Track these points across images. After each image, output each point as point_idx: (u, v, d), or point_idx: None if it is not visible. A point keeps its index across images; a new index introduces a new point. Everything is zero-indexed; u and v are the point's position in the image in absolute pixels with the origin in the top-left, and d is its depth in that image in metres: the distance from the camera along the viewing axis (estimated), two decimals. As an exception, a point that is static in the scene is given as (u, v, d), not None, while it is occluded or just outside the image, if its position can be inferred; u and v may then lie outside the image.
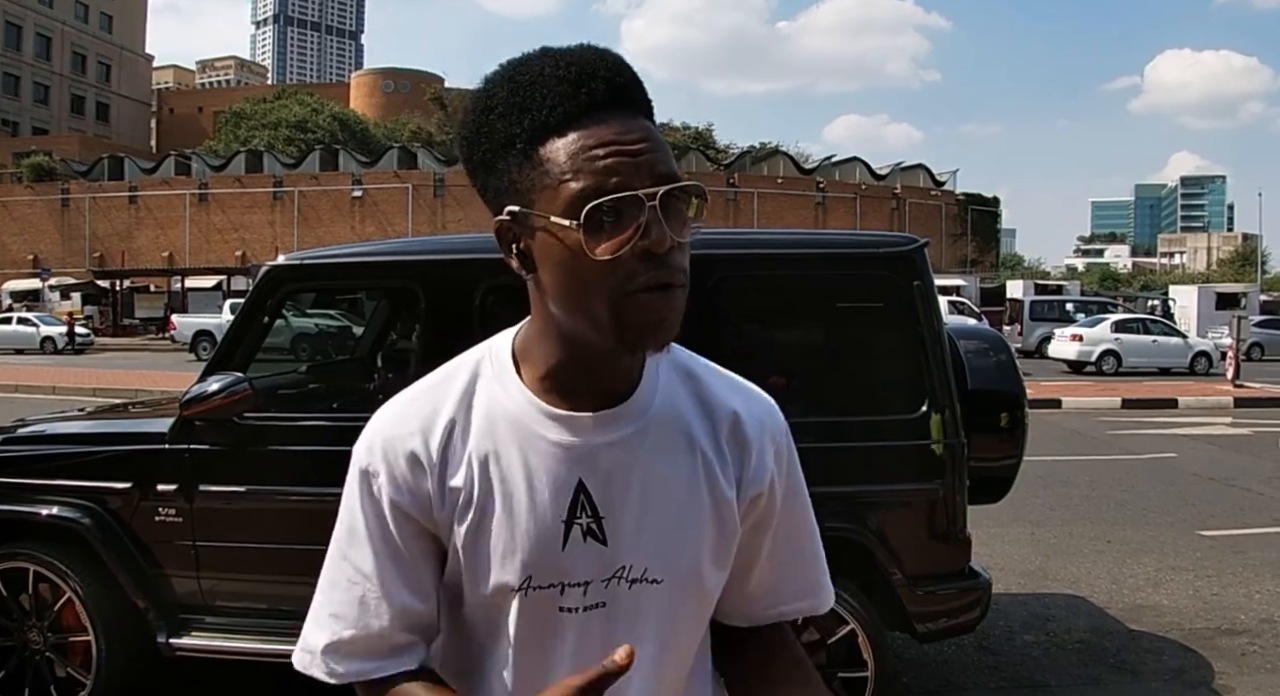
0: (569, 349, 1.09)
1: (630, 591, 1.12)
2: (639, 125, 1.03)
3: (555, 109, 1.02)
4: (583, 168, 1.00)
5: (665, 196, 1.00)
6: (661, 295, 1.01)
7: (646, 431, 1.13)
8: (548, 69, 1.04)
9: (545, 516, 1.09)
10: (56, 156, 62.70)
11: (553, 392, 1.11)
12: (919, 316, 3.88)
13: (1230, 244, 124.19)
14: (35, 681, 4.15)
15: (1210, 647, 5.25)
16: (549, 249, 1.03)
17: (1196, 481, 10.24)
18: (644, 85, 1.07)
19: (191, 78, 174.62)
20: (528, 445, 1.10)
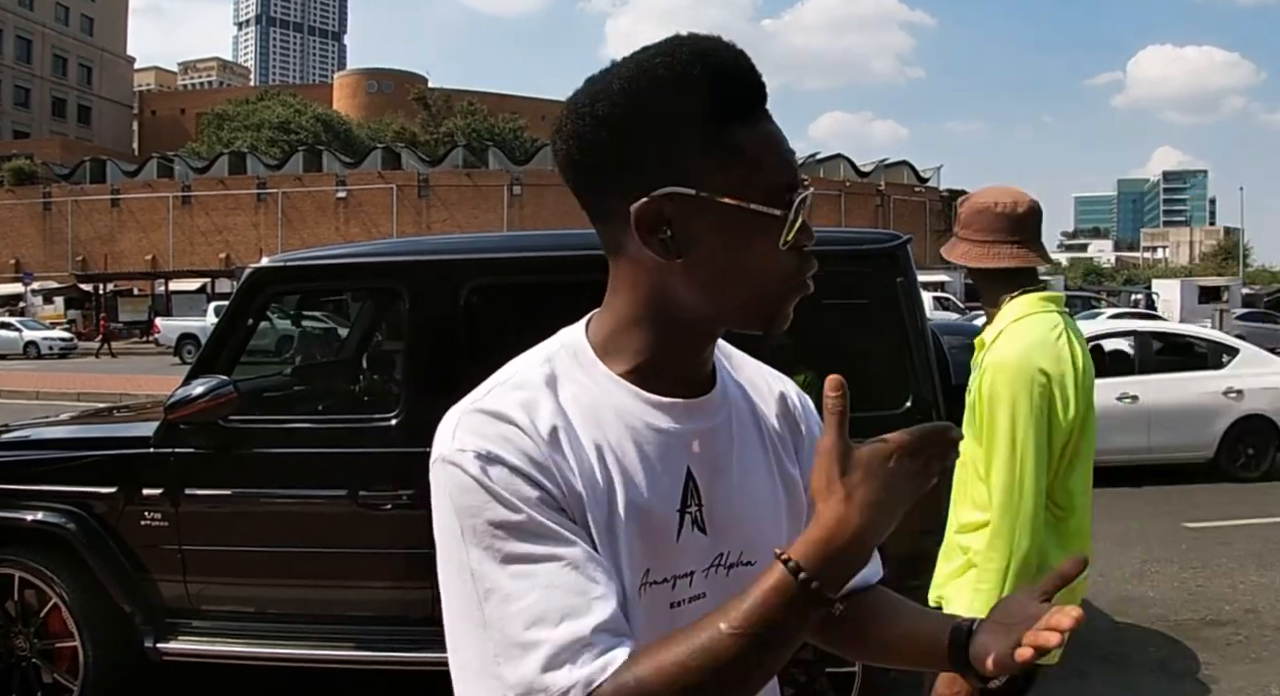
0: (673, 336, 1.07)
1: (728, 577, 1.09)
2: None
3: (743, 98, 1.03)
4: (777, 160, 1.03)
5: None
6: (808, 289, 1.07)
7: (732, 415, 1.14)
8: (735, 62, 1.03)
9: (664, 507, 1.06)
10: (38, 160, 62.45)
11: (650, 382, 1.08)
12: (903, 312, 3.90)
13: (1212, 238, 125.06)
14: (22, 687, 4.14)
15: (1195, 638, 5.29)
16: (729, 234, 1.01)
17: (1181, 473, 10.29)
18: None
19: (173, 79, 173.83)
20: (638, 434, 1.06)
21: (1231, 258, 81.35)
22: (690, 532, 1.07)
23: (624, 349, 1.08)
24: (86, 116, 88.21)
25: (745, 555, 1.11)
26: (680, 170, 1.01)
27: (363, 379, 5.40)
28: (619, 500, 1.02)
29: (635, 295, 1.07)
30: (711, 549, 1.09)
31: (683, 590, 1.07)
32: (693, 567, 1.08)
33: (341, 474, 3.84)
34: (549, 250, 4.22)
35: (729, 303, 1.04)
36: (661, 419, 1.07)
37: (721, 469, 1.11)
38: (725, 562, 1.10)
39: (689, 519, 1.07)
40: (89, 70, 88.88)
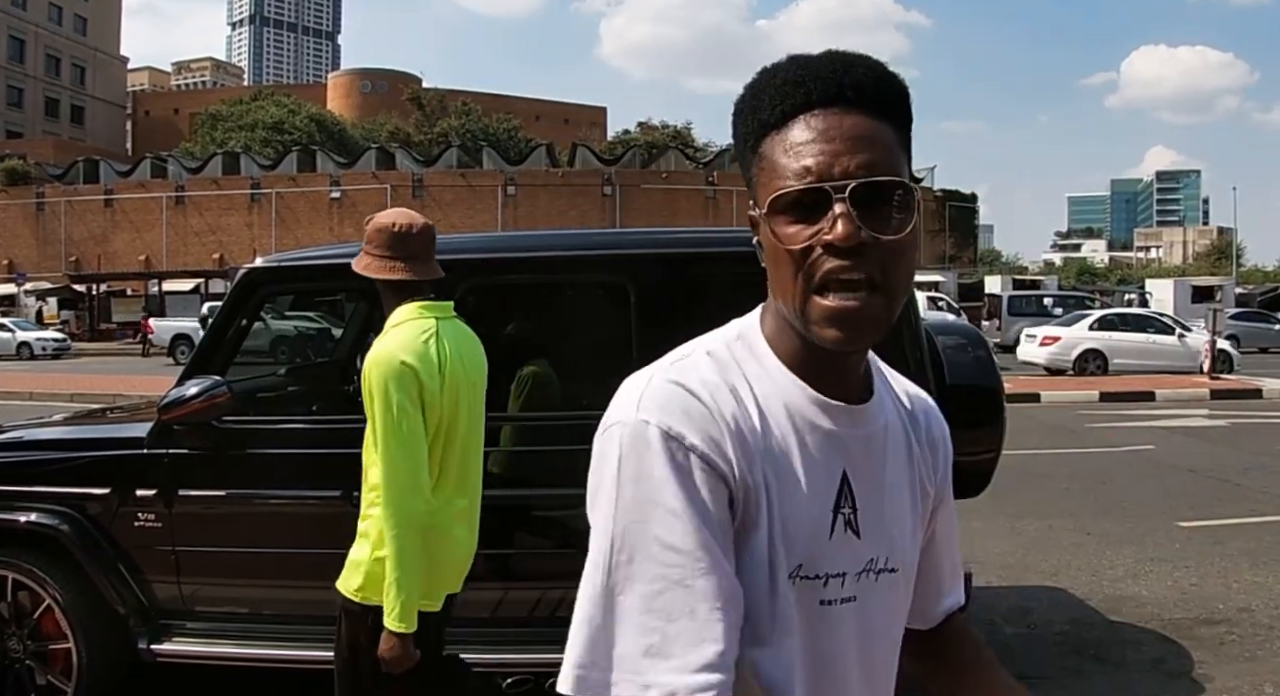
0: (800, 336, 1.08)
1: (877, 583, 1.13)
2: (853, 121, 1.03)
3: (776, 108, 1.05)
4: (787, 164, 1.03)
5: (872, 194, 1.01)
6: (846, 293, 1.01)
7: (888, 425, 1.17)
8: (780, 72, 1.07)
9: (819, 504, 1.08)
10: (31, 160, 62.26)
11: (817, 381, 1.10)
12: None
13: (1206, 237, 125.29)
14: (16, 690, 4.12)
15: (1189, 637, 5.30)
16: (764, 241, 1.07)
17: (1174, 473, 10.33)
18: (881, 82, 1.07)
19: (167, 79, 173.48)
20: (803, 430, 1.08)
21: (1225, 257, 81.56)
22: (843, 534, 1.10)
23: (786, 344, 1.11)
24: (80, 117, 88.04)
25: (891, 561, 1.14)
26: (749, 185, 1.10)
27: (357, 380, 5.38)
28: (775, 490, 1.05)
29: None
30: (864, 553, 1.12)
31: (834, 590, 1.10)
32: (844, 569, 1.10)
33: (335, 474, 3.82)
34: (544, 250, 4.22)
35: (786, 310, 1.06)
36: (825, 419, 1.09)
37: (874, 475, 1.13)
38: (875, 568, 1.13)
39: (842, 519, 1.10)
40: (82, 70, 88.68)
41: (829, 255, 1.00)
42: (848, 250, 0.99)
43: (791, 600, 1.06)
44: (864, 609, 1.12)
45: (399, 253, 2.84)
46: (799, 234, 1.01)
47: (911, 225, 1.03)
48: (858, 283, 1.00)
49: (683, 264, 4.04)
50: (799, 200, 1.01)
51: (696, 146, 71.89)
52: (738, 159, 1.14)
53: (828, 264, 1.00)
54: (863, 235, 0.99)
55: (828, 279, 1.01)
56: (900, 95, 1.09)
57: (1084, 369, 22.24)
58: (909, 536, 1.19)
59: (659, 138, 69.49)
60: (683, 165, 59.83)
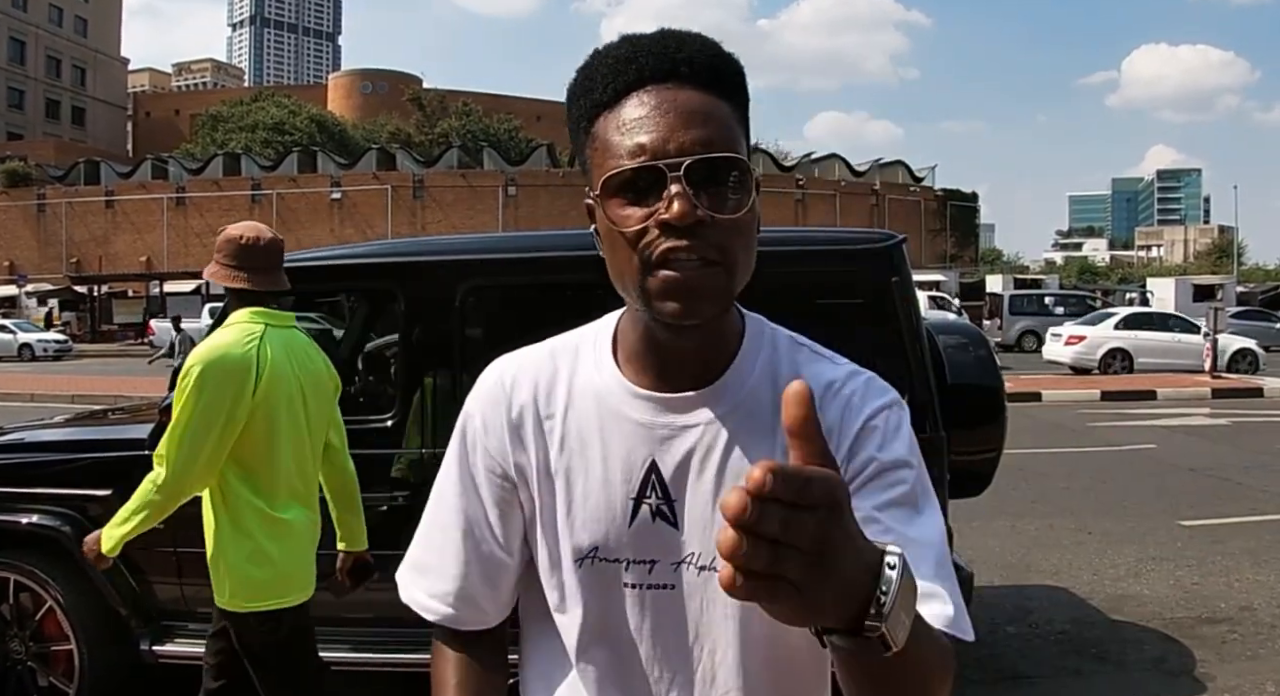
0: (641, 327, 1.10)
1: (699, 578, 1.09)
2: (687, 97, 1.01)
3: (608, 87, 1.03)
4: (620, 141, 1.01)
5: (708, 171, 0.98)
6: (683, 269, 0.98)
7: (731, 416, 1.09)
8: (612, 51, 1.06)
9: (615, 492, 1.10)
10: (32, 161, 62.24)
11: (643, 372, 1.11)
12: (898, 312, 3.90)
13: (1207, 236, 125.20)
14: (18, 691, 4.13)
15: (1191, 636, 5.30)
16: (599, 226, 1.05)
17: (1176, 472, 10.32)
18: (715, 58, 1.06)
19: (168, 81, 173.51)
20: (609, 422, 1.11)
21: (1226, 256, 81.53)
22: (650, 522, 1.09)
23: (624, 338, 1.14)
24: (81, 118, 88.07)
25: (717, 561, 0.98)
26: (584, 170, 1.08)
27: (358, 381, 5.38)
28: (573, 478, 1.12)
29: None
30: (682, 544, 1.09)
31: (638, 575, 1.10)
32: (655, 556, 1.09)
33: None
34: (545, 251, 4.22)
35: (625, 293, 1.06)
36: (637, 409, 1.10)
37: (700, 466, 1.09)
38: (697, 563, 1.09)
39: (648, 508, 1.09)
40: (83, 72, 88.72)
41: (665, 235, 0.98)
42: (684, 229, 0.97)
43: (579, 579, 1.11)
44: (686, 599, 1.09)
45: (243, 263, 3.03)
46: (634, 215, 0.99)
47: (749, 204, 1.01)
48: (695, 260, 0.98)
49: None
50: (633, 180, 0.99)
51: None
52: (572, 144, 1.11)
53: (664, 243, 0.98)
54: (699, 213, 0.97)
55: (664, 257, 0.98)
56: (735, 72, 1.07)
57: (1109, 367, 22.27)
58: None
59: (659, 138, 69.23)
60: (683, 165, 59.73)
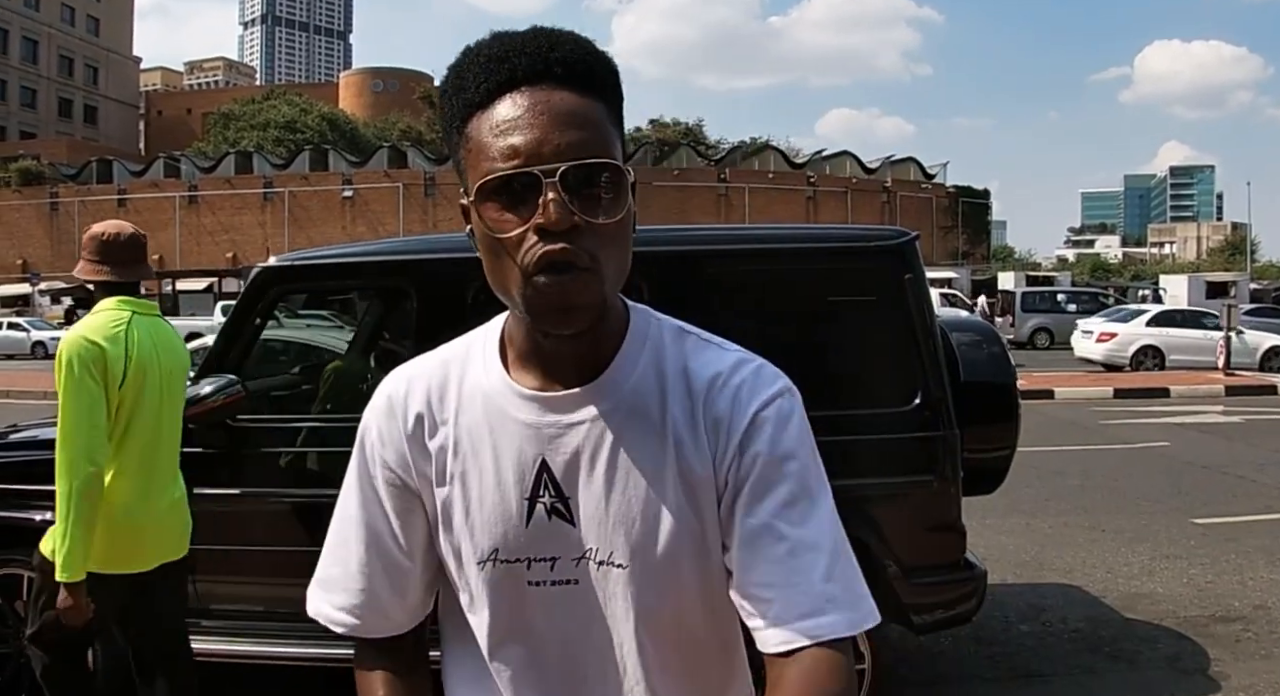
0: (524, 328, 1.11)
1: (599, 572, 1.10)
2: (561, 98, 1.00)
3: (480, 86, 1.02)
4: (493, 143, 1.00)
5: (583, 177, 0.99)
6: (559, 276, 0.99)
7: (616, 411, 1.10)
8: (484, 49, 1.04)
9: (509, 493, 1.11)
10: (45, 160, 62.59)
11: (529, 373, 1.13)
12: (910, 309, 3.89)
13: (1219, 233, 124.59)
14: (32, 688, 4.14)
15: (1205, 635, 5.27)
16: (476, 229, 1.05)
17: (1189, 469, 10.27)
18: (588, 58, 1.05)
19: (179, 79, 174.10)
20: (498, 424, 1.12)
21: (1239, 253, 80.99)
22: (547, 520, 1.10)
23: (511, 339, 1.15)
24: (93, 117, 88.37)
25: (614, 557, 1.09)
26: (458, 171, 1.08)
27: (370, 378, 5.39)
28: (468, 482, 1.13)
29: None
30: (579, 541, 1.10)
31: (541, 573, 1.11)
32: (554, 554, 1.11)
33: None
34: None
35: (504, 298, 1.07)
36: (523, 409, 1.11)
37: (589, 462, 1.10)
38: (595, 559, 1.10)
39: (542, 507, 1.10)
40: (95, 71, 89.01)
41: (541, 240, 0.98)
42: (559, 234, 0.97)
43: (484, 580, 1.13)
44: (585, 594, 1.11)
45: (106, 258, 3.25)
46: (509, 221, 0.99)
47: (624, 208, 1.02)
48: (571, 265, 0.99)
49: (697, 261, 4.03)
50: (508, 185, 0.99)
51: (708, 144, 71.85)
52: (445, 143, 1.10)
53: (540, 248, 0.98)
54: (575, 219, 0.97)
55: (541, 262, 0.98)
56: (610, 71, 1.07)
57: (1140, 365, 22.28)
58: (662, 532, 1.08)
59: (670, 135, 69.39)
60: (694, 162, 59.84)
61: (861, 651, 3.83)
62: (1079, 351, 24.30)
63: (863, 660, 3.84)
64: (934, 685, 4.74)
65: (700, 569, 1.11)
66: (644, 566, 1.09)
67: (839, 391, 3.97)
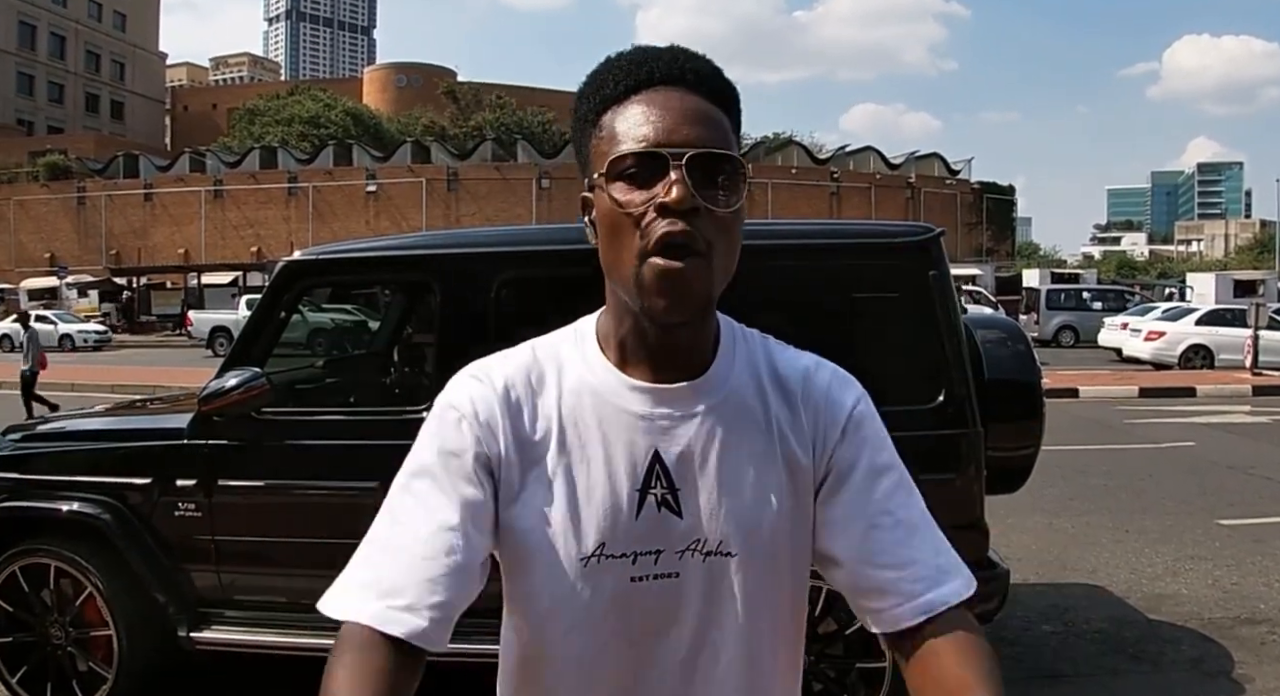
0: (630, 319, 1.13)
1: (705, 564, 1.13)
2: (692, 100, 1.08)
3: (619, 84, 1.10)
4: (627, 130, 1.07)
5: (706, 166, 1.05)
6: (675, 257, 1.03)
7: (724, 405, 1.15)
8: (626, 56, 1.13)
9: (620, 485, 1.12)
10: (72, 155, 62.99)
11: (633, 366, 1.15)
12: (935, 306, 3.87)
13: (1248, 231, 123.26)
14: (57, 676, 4.19)
15: (1230, 637, 5.23)
16: (599, 211, 1.09)
17: (1215, 470, 10.19)
18: (718, 74, 1.14)
19: (205, 75, 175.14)
20: (608, 416, 1.13)
21: (1267, 251, 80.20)
22: (656, 512, 1.12)
23: (608, 333, 1.17)
24: (119, 112, 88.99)
25: (724, 546, 1.13)
26: (586, 160, 1.14)
27: (394, 371, 5.42)
28: (573, 475, 1.12)
29: (608, 282, 1.15)
30: (687, 532, 1.12)
31: (645, 566, 1.12)
32: (661, 546, 1.12)
33: (372, 466, 3.82)
34: (578, 243, 4.21)
35: (618, 279, 1.09)
36: (634, 401, 1.13)
37: (701, 454, 1.13)
38: (702, 549, 1.13)
39: (653, 498, 1.12)
40: (122, 66, 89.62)
41: (662, 217, 1.03)
42: (681, 213, 1.03)
43: (582, 577, 1.11)
44: (689, 588, 1.13)
45: None
46: (635, 198, 1.05)
47: (740, 203, 1.09)
48: (687, 248, 1.04)
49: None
50: (636, 166, 1.05)
51: (731, 139, 71.58)
52: (574, 141, 1.17)
53: (661, 227, 1.03)
54: (696, 201, 1.03)
55: (661, 241, 1.03)
56: (733, 92, 1.15)
57: (1189, 363, 22.12)
58: (762, 514, 1.14)
59: (693, 131, 69.02)
60: (716, 158, 59.62)
61: (882, 650, 3.82)
62: (1126, 351, 24.09)
63: (883, 658, 3.83)
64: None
65: (793, 553, 1.17)
66: (752, 553, 1.14)
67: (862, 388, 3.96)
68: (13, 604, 4.21)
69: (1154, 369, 22.20)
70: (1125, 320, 26.08)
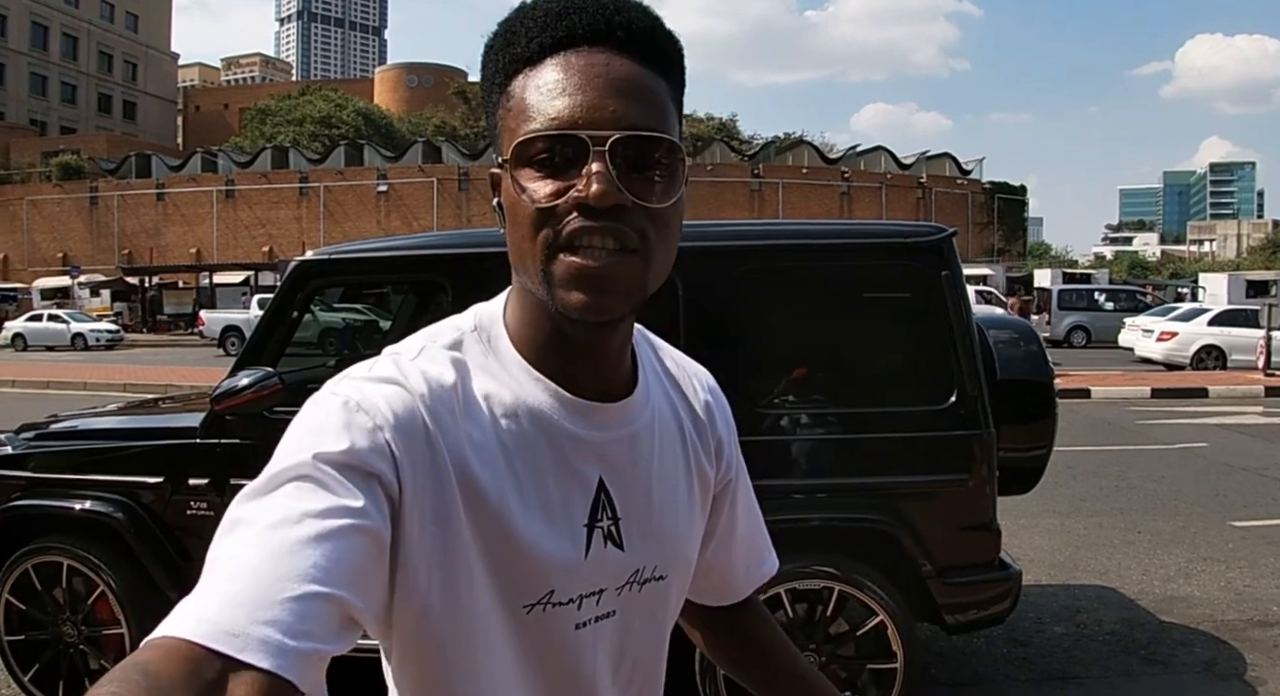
0: (549, 325, 0.95)
1: (641, 593, 1.02)
2: (621, 64, 0.88)
3: (532, 40, 0.90)
4: (537, 103, 0.88)
5: (634, 151, 0.87)
6: (595, 257, 0.86)
7: (653, 420, 1.03)
8: (542, 4, 0.91)
9: (571, 521, 0.96)
10: (84, 155, 63.30)
11: (554, 378, 0.96)
12: (947, 306, 3.86)
13: (1260, 231, 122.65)
14: (69, 674, 4.20)
15: (1242, 639, 5.20)
16: (505, 197, 0.91)
17: (1228, 471, 10.14)
18: (656, 27, 0.93)
19: (217, 75, 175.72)
20: (548, 439, 0.95)
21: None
22: (603, 548, 0.98)
23: (531, 335, 0.97)
24: (132, 112, 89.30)
25: (659, 569, 1.03)
26: (493, 133, 0.95)
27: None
28: (510, 515, 0.91)
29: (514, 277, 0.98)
30: (627, 564, 1.00)
31: (589, 610, 0.98)
32: (604, 585, 0.99)
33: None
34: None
35: (524, 275, 0.92)
36: (577, 423, 0.96)
37: (639, 478, 1.01)
38: (640, 579, 1.02)
39: (600, 533, 0.97)
40: (134, 67, 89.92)
41: (580, 215, 0.85)
42: (602, 211, 0.85)
43: (514, 631, 0.94)
44: (624, 622, 1.02)
45: None
46: (545, 188, 0.86)
47: (678, 195, 0.90)
48: (600, 249, 0.86)
49: (730, 257, 4.01)
50: (549, 150, 0.86)
51: (742, 139, 71.65)
52: (483, 106, 0.97)
53: (576, 224, 0.85)
54: (622, 197, 0.85)
55: (573, 240, 0.86)
56: (676, 48, 0.95)
57: (1201, 364, 21.98)
58: (685, 533, 1.07)
59: (704, 130, 69.15)
60: (728, 158, 59.62)
61: (894, 650, 3.82)
62: (1139, 351, 23.92)
63: (894, 659, 3.82)
64: (967, 685, 4.71)
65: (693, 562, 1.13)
66: (679, 571, 1.08)
67: (874, 389, 3.96)
68: (25, 602, 4.23)
69: (1166, 369, 22.06)
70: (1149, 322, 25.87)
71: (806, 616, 3.86)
